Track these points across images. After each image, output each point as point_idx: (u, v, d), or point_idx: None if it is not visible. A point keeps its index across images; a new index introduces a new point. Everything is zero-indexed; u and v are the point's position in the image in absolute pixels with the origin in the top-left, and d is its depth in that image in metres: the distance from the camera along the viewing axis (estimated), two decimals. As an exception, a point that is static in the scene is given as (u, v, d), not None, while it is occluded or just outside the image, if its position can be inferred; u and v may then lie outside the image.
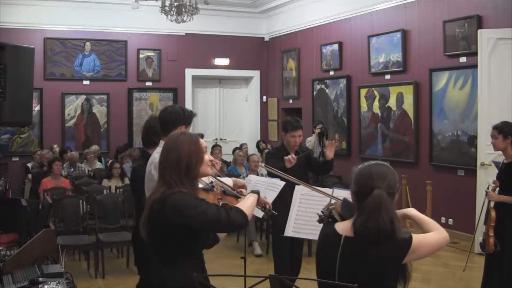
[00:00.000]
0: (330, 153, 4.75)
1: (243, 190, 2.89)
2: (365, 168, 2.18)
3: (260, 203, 2.77)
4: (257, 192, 2.68)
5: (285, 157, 4.51)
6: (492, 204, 4.55)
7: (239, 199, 2.77)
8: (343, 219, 2.24)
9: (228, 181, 3.02)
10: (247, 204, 2.51)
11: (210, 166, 2.53)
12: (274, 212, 2.90)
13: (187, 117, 3.53)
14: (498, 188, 4.56)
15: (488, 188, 4.77)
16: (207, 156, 2.50)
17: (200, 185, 2.61)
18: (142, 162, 3.80)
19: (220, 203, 2.64)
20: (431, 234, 2.18)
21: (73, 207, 6.43)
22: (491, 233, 4.42)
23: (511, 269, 4.36)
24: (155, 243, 2.43)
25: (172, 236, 2.35)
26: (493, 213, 4.46)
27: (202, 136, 2.65)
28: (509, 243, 4.37)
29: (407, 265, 2.14)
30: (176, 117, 3.48)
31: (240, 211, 2.41)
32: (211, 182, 2.76)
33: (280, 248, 4.81)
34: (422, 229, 2.22)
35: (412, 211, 2.28)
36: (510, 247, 4.37)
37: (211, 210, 2.32)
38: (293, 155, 4.55)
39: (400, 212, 2.27)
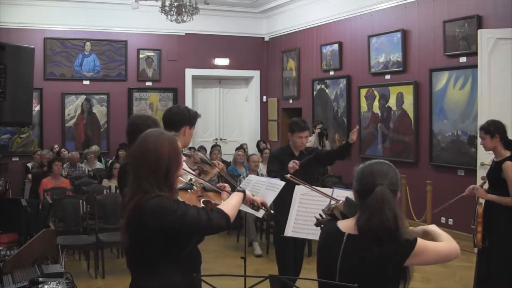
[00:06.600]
0: (354, 137, 4.80)
1: (226, 185, 2.82)
2: (367, 166, 2.20)
3: (247, 201, 2.70)
4: (243, 191, 2.59)
5: (288, 165, 4.46)
6: (480, 200, 4.56)
7: (221, 194, 2.70)
8: (344, 217, 2.24)
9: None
10: (230, 205, 2.41)
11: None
12: (265, 209, 2.86)
13: (192, 118, 3.50)
14: (487, 184, 4.57)
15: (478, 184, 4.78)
16: (182, 157, 2.37)
17: (179, 185, 2.50)
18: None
19: (201, 200, 2.58)
20: (440, 242, 2.19)
21: (73, 207, 6.43)
22: (479, 229, 4.42)
23: (500, 264, 4.38)
24: (135, 251, 2.34)
25: (153, 242, 2.25)
26: (480, 209, 4.47)
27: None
28: (496, 239, 4.39)
29: (409, 267, 2.14)
30: (182, 117, 3.42)
31: (221, 212, 2.32)
32: (190, 180, 2.67)
33: (282, 249, 4.78)
34: (436, 241, 2.23)
35: (432, 227, 2.31)
36: (498, 242, 4.38)
37: (192, 212, 2.22)
38: (295, 161, 4.51)
39: (421, 228, 2.32)
